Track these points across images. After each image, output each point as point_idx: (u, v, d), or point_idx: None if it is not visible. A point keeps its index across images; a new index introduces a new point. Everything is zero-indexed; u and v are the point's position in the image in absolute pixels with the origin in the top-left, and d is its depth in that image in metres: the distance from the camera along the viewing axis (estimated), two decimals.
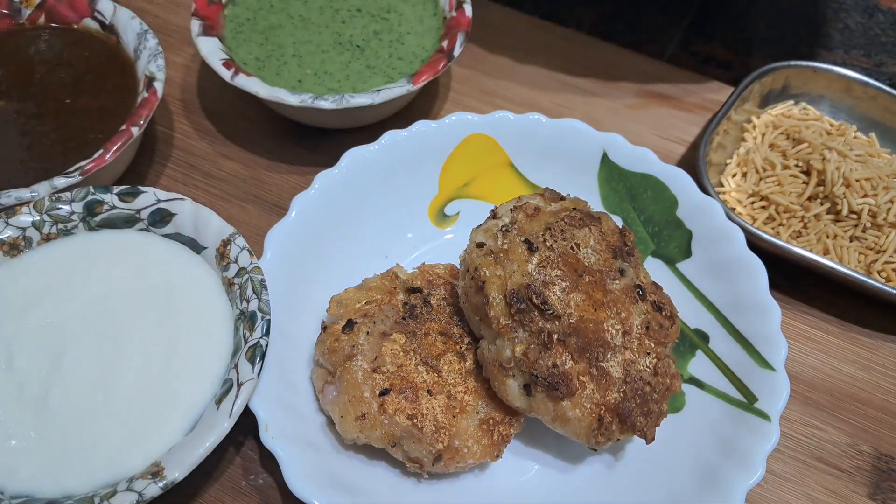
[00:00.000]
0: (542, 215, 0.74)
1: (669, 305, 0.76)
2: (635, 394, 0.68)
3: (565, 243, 0.72)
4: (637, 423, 0.68)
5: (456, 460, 0.68)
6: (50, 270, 0.75)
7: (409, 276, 0.79)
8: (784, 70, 1.02)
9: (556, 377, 0.66)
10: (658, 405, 0.70)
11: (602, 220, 0.77)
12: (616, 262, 0.74)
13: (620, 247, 0.75)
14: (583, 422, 0.67)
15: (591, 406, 0.67)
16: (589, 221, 0.75)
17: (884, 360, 0.87)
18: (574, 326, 0.68)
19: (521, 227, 0.73)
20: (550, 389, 0.66)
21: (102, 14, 0.96)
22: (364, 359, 0.71)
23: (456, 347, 0.73)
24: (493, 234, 0.73)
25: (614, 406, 0.68)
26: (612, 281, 0.73)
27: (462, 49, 0.95)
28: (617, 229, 0.77)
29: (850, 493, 0.78)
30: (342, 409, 0.69)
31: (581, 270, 0.71)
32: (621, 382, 0.69)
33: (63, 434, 0.66)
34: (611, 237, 0.76)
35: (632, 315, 0.72)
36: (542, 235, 0.72)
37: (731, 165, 0.99)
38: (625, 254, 0.75)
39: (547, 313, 0.67)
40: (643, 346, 0.71)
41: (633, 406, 0.68)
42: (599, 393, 0.68)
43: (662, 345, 0.73)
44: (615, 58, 1.13)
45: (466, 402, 0.70)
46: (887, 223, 0.90)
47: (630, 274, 0.74)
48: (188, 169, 0.98)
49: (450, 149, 0.91)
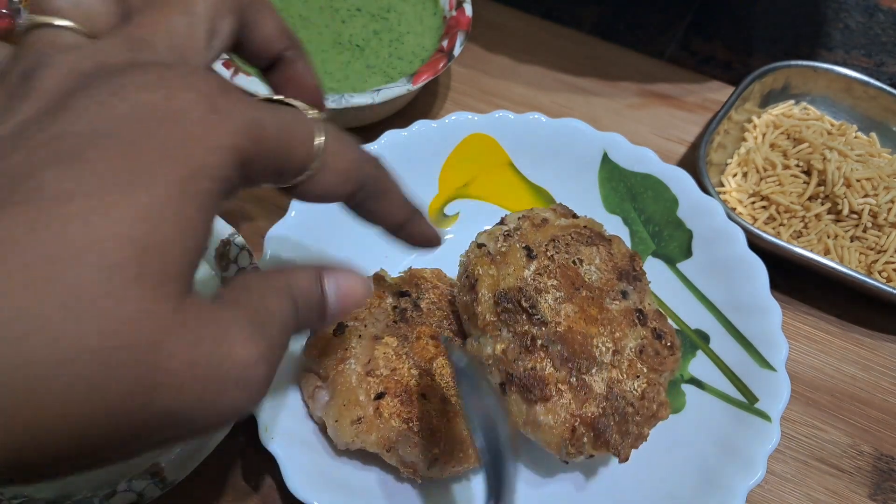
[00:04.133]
0: (550, 227, 0.74)
1: (672, 337, 0.72)
2: (615, 411, 0.65)
3: (567, 256, 0.71)
4: (612, 441, 0.64)
5: (452, 464, 0.68)
6: None
7: (395, 280, 0.79)
8: (784, 70, 1.02)
9: (531, 379, 0.64)
10: (638, 427, 0.66)
11: (613, 243, 0.75)
12: (620, 283, 0.72)
13: (628, 271, 0.73)
14: (554, 430, 0.64)
15: (565, 415, 0.64)
16: (598, 241, 0.73)
17: (885, 361, 0.87)
18: (561, 335, 0.66)
19: (525, 235, 0.72)
20: (524, 391, 0.64)
21: None
22: (357, 362, 0.70)
23: (448, 351, 0.73)
24: (494, 237, 0.73)
25: (590, 420, 0.64)
26: (612, 301, 0.70)
27: (462, 49, 0.95)
28: (628, 253, 0.75)
29: (850, 494, 0.78)
30: (336, 414, 0.68)
31: (579, 285, 0.69)
32: (602, 398, 0.65)
33: None
34: (619, 260, 0.73)
35: (627, 337, 0.68)
36: (544, 245, 0.71)
37: (732, 165, 0.99)
38: (631, 278, 0.73)
39: (534, 318, 0.66)
40: (634, 368, 0.68)
41: (611, 423, 0.64)
42: (576, 404, 0.64)
43: (656, 372, 0.69)
44: (615, 58, 1.13)
45: (461, 406, 0.70)
46: (888, 223, 0.90)
47: (633, 298, 0.72)
48: None
49: (450, 149, 0.91)
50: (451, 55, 0.93)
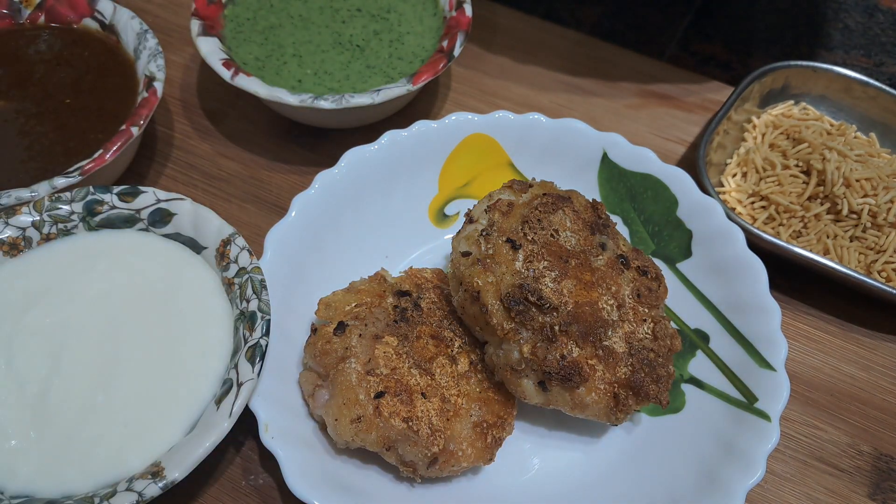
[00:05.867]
0: (517, 209, 0.75)
1: (653, 267, 0.78)
2: (642, 364, 0.71)
3: (545, 232, 0.73)
4: (650, 392, 0.71)
5: (451, 463, 0.68)
6: (50, 270, 0.75)
7: (396, 280, 0.79)
8: (784, 70, 1.02)
9: (567, 369, 0.68)
10: (665, 368, 0.73)
11: (573, 198, 0.78)
12: (595, 237, 0.76)
13: (595, 220, 0.77)
14: (600, 403, 0.70)
15: (604, 387, 0.70)
16: (561, 203, 0.76)
17: (884, 360, 0.87)
18: (572, 314, 0.69)
19: (500, 227, 0.74)
20: (565, 381, 0.68)
21: (102, 14, 0.96)
22: (357, 361, 0.70)
23: (447, 351, 0.73)
24: (475, 241, 0.74)
25: (626, 381, 0.70)
26: (596, 258, 0.75)
27: (462, 49, 0.95)
28: (588, 204, 0.79)
29: (850, 493, 0.78)
30: (336, 413, 0.69)
31: (566, 256, 0.73)
32: (627, 356, 0.71)
33: (63, 434, 0.66)
34: (584, 213, 0.77)
35: (621, 286, 0.74)
36: (521, 230, 0.73)
37: (731, 165, 0.99)
38: (601, 226, 0.77)
39: (544, 307, 0.69)
40: (638, 313, 0.74)
41: (643, 376, 0.71)
42: (609, 372, 0.70)
43: (655, 307, 0.75)
44: (615, 58, 1.13)
45: (460, 405, 0.70)
46: (887, 223, 0.90)
47: (610, 246, 0.77)
48: (188, 169, 0.98)
49: (450, 149, 0.91)
50: (451, 55, 0.93)
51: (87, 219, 0.78)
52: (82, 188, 0.79)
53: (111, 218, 0.79)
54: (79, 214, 0.78)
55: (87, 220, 0.78)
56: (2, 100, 0.90)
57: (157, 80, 0.89)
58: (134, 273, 0.76)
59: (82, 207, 0.78)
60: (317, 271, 0.82)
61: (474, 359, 0.74)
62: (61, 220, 0.78)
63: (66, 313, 0.72)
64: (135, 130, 0.84)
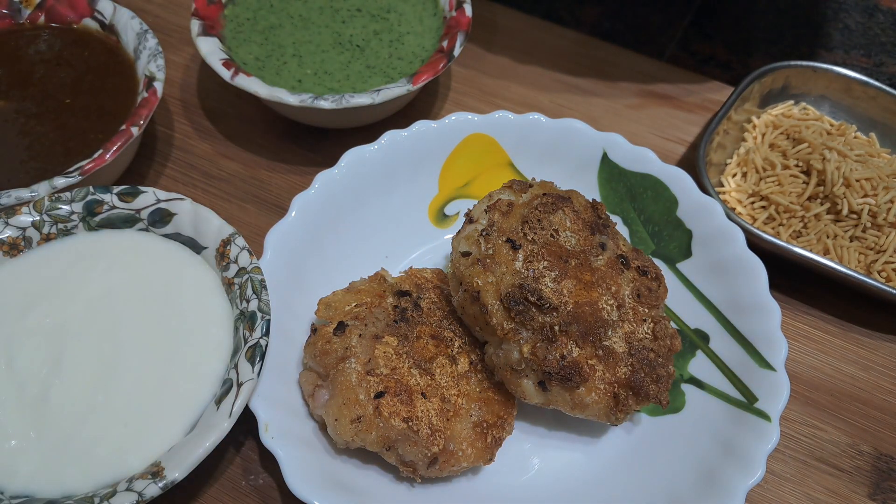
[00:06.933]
0: (517, 209, 0.75)
1: (653, 267, 0.78)
2: (642, 364, 0.71)
3: (544, 232, 0.73)
4: (650, 392, 0.71)
5: (451, 463, 0.68)
6: (50, 270, 0.75)
7: (396, 280, 0.79)
8: (784, 70, 1.02)
9: (567, 369, 0.68)
10: (665, 368, 0.73)
11: (573, 198, 0.78)
12: (595, 237, 0.76)
13: (595, 221, 0.77)
14: (600, 403, 0.70)
15: (604, 387, 0.70)
16: (561, 203, 0.76)
17: (884, 360, 0.87)
18: (572, 314, 0.69)
19: (500, 227, 0.74)
20: (565, 382, 0.68)
21: (102, 14, 0.96)
22: (357, 361, 0.70)
23: (447, 351, 0.73)
24: (475, 241, 0.74)
25: (626, 381, 0.70)
26: (596, 258, 0.75)
27: (462, 49, 0.95)
28: (588, 204, 0.79)
29: (850, 494, 0.78)
30: (336, 412, 0.69)
31: (566, 256, 0.73)
32: (627, 356, 0.71)
33: (63, 434, 0.66)
34: (584, 213, 0.77)
35: (621, 286, 0.74)
36: (521, 231, 0.73)
37: (731, 165, 0.99)
38: (601, 226, 0.77)
39: (544, 307, 0.69)
40: (638, 313, 0.74)
41: (643, 376, 0.71)
42: (609, 372, 0.70)
43: (655, 307, 0.75)
44: (615, 58, 1.13)
45: (460, 405, 0.70)
46: (887, 223, 0.90)
47: (610, 246, 0.77)
48: (188, 169, 0.98)
49: (450, 149, 0.91)
50: (451, 55, 0.93)
51: (87, 219, 0.78)
52: (82, 188, 0.79)
53: (111, 218, 0.79)
54: (79, 214, 0.78)
55: (87, 220, 0.78)
56: (2, 100, 0.90)
57: (157, 80, 0.89)
58: (134, 273, 0.76)
59: (82, 207, 0.78)
60: (317, 271, 0.82)
61: (474, 359, 0.74)
62: (61, 220, 0.78)
63: (67, 313, 0.72)
64: (135, 130, 0.84)
